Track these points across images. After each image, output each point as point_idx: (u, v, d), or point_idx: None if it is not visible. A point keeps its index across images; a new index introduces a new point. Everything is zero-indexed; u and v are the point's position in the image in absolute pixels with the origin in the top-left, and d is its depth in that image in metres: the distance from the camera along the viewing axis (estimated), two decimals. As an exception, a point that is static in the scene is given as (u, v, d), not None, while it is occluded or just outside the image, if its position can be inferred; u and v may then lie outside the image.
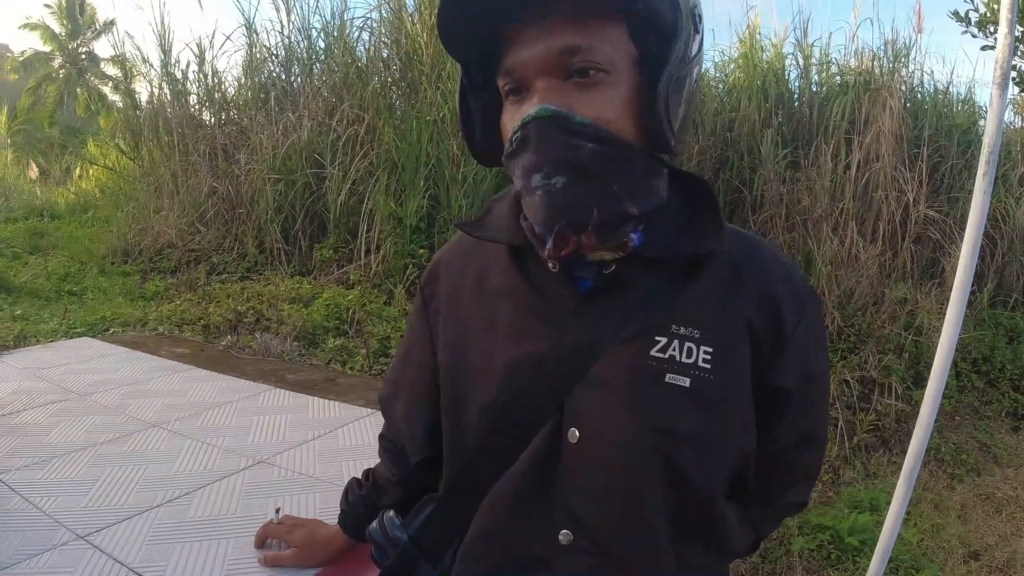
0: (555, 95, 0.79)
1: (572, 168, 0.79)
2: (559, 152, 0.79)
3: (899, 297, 5.08)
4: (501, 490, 0.91)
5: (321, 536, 1.45)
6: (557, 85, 0.80)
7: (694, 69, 0.84)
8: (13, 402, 2.58)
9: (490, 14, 0.81)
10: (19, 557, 1.55)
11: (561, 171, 0.79)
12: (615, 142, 0.80)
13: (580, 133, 0.78)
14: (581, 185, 0.80)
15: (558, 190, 0.80)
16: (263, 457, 2.14)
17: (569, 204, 0.80)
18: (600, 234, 0.82)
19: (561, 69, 0.79)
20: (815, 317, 0.92)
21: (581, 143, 0.78)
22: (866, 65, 6.29)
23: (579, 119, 0.78)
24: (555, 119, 0.78)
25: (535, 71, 0.80)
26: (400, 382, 1.13)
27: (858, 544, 3.07)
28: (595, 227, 0.81)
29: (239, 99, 7.52)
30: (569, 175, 0.79)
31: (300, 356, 3.90)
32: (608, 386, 0.86)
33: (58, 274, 6.01)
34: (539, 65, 0.80)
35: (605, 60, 0.79)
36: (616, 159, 0.80)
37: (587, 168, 0.79)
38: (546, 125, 0.78)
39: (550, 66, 0.79)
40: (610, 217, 0.81)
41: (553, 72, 0.79)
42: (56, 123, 21.92)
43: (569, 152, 0.78)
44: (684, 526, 0.87)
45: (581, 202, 0.80)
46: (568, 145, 0.78)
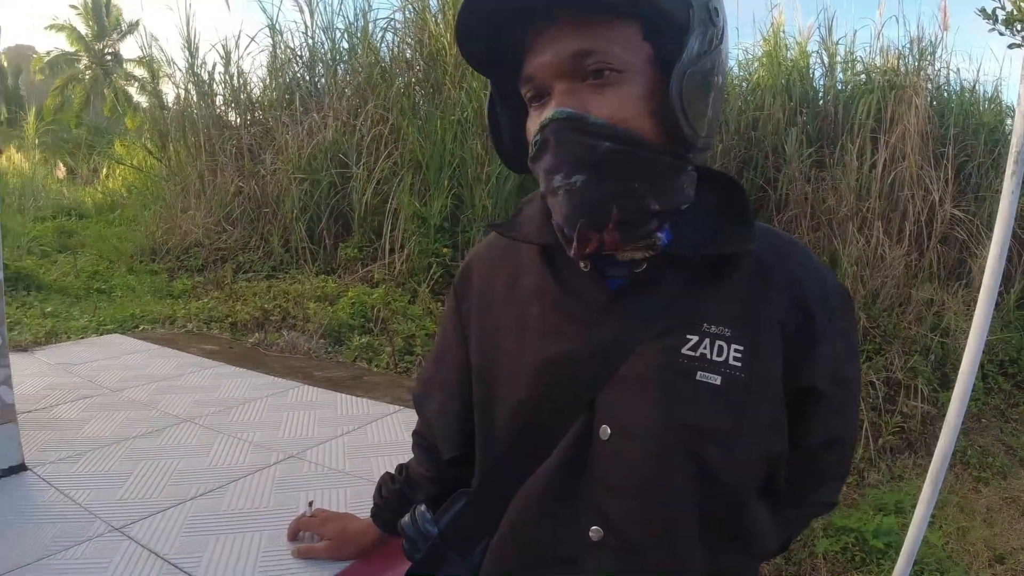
0: (571, 97, 0.81)
1: (590, 167, 0.80)
2: (576, 152, 0.80)
3: (925, 298, 5.03)
4: (532, 487, 0.92)
5: (353, 529, 1.47)
6: (573, 88, 0.81)
7: (714, 63, 0.82)
8: (46, 397, 2.62)
9: (499, 23, 0.83)
10: (56, 548, 1.57)
11: (580, 170, 0.81)
12: (632, 140, 0.80)
13: (596, 133, 0.79)
14: (600, 183, 0.81)
15: (578, 189, 0.81)
16: (294, 452, 2.16)
17: (589, 202, 0.81)
18: (623, 231, 0.83)
19: (576, 72, 0.81)
20: (846, 318, 0.92)
21: (597, 142, 0.79)
22: (892, 63, 6.24)
23: (594, 119, 0.79)
24: (571, 120, 0.80)
25: (551, 76, 0.82)
26: (433, 381, 1.14)
27: (883, 547, 3.05)
28: (616, 224, 0.82)
29: (264, 100, 7.60)
30: (588, 174, 0.80)
31: (327, 353, 3.94)
32: (639, 384, 0.86)
33: (87, 272, 6.10)
34: (554, 70, 0.82)
35: (618, 60, 0.80)
36: (634, 157, 0.81)
37: (605, 166, 0.80)
38: (562, 127, 0.80)
39: (564, 70, 0.81)
40: (631, 214, 0.82)
41: (568, 75, 0.81)
42: (83, 123, 22.15)
43: (586, 151, 0.80)
44: (714, 525, 0.87)
45: (600, 200, 0.81)
46: (585, 145, 0.80)
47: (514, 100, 0.91)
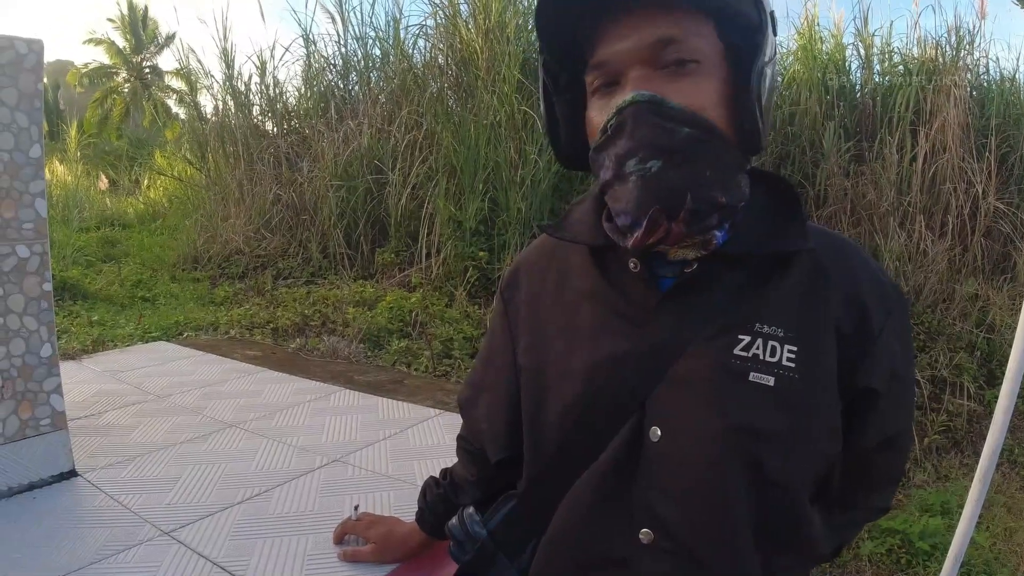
0: (648, 83, 0.80)
1: (668, 151, 0.79)
2: (655, 136, 0.79)
3: (970, 293, 4.93)
4: (581, 488, 0.91)
5: (399, 533, 1.48)
6: (650, 75, 0.81)
7: (774, 70, 0.85)
8: (95, 403, 2.67)
9: (576, 11, 0.84)
10: (107, 552, 1.61)
11: (657, 155, 0.79)
12: (709, 128, 0.80)
13: (675, 118, 0.79)
14: (676, 169, 0.80)
15: (653, 174, 0.80)
16: (337, 456, 2.19)
17: (665, 187, 0.80)
18: (689, 223, 0.81)
19: (654, 59, 0.81)
20: (902, 317, 0.90)
21: (676, 127, 0.79)
22: (929, 54, 6.12)
23: (674, 104, 0.79)
24: (651, 104, 0.79)
25: (628, 62, 0.82)
26: (481, 384, 1.15)
27: (929, 548, 2.99)
28: (687, 213, 0.81)
29: (300, 108, 7.69)
30: (665, 159, 0.79)
31: (366, 358, 3.97)
32: (690, 384, 0.85)
33: (131, 281, 6.21)
34: (632, 56, 0.81)
35: (696, 51, 0.80)
36: (709, 145, 0.81)
37: (682, 152, 0.79)
38: (642, 110, 0.79)
39: (643, 56, 0.81)
40: (701, 203, 0.81)
41: (646, 62, 0.81)
42: (123, 136, 22.55)
43: (665, 136, 0.79)
44: (767, 528, 0.86)
45: (676, 185, 0.80)
46: (664, 129, 0.79)
47: (570, 93, 0.92)
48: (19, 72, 1.86)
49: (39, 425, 1.96)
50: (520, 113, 5.73)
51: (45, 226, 1.94)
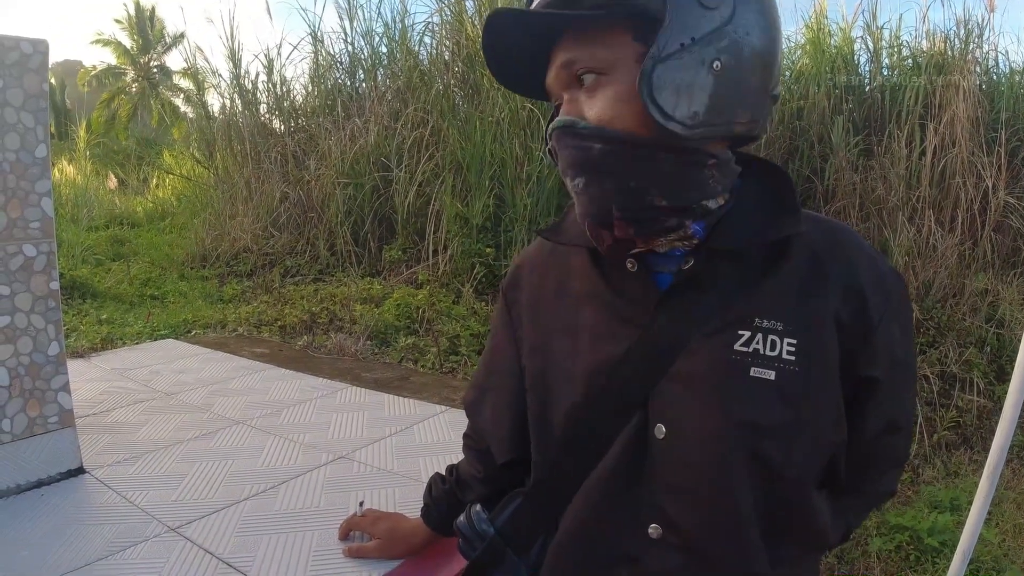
0: (572, 105, 0.86)
1: (586, 169, 0.84)
2: (574, 156, 0.85)
3: (980, 288, 4.90)
4: (590, 487, 0.93)
5: (404, 528, 1.49)
6: (575, 95, 0.86)
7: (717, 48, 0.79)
8: (103, 401, 2.68)
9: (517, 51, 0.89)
10: (114, 548, 1.62)
11: (580, 172, 0.85)
12: (618, 139, 0.82)
13: (587, 136, 0.83)
14: (597, 183, 0.84)
15: (581, 190, 0.85)
16: (343, 453, 2.19)
17: (591, 202, 0.85)
18: (636, 227, 0.84)
19: (570, 81, 0.86)
20: (901, 302, 0.91)
21: (590, 145, 0.83)
22: (938, 47, 6.09)
23: (583, 124, 0.83)
24: (566, 127, 0.85)
25: (557, 88, 0.89)
26: (485, 386, 1.16)
27: (938, 545, 2.97)
28: (624, 221, 0.83)
29: (307, 107, 7.72)
30: (586, 176, 0.84)
31: (373, 355, 3.97)
32: (692, 381, 0.86)
33: (140, 279, 6.24)
34: (555, 84, 0.89)
35: (601, 63, 0.83)
36: (628, 155, 0.82)
37: (599, 167, 0.83)
38: (561, 135, 0.86)
39: (561, 80, 0.87)
40: (633, 212, 0.83)
41: (566, 85, 0.87)
42: (131, 135, 22.65)
43: (582, 155, 0.84)
44: (774, 519, 0.87)
45: (600, 199, 0.84)
46: (579, 148, 0.84)
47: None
48: (24, 72, 1.87)
49: (47, 423, 1.97)
50: (526, 110, 5.72)
51: (52, 225, 1.95)
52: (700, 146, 0.83)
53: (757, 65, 0.83)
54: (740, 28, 0.80)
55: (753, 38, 0.81)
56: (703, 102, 0.80)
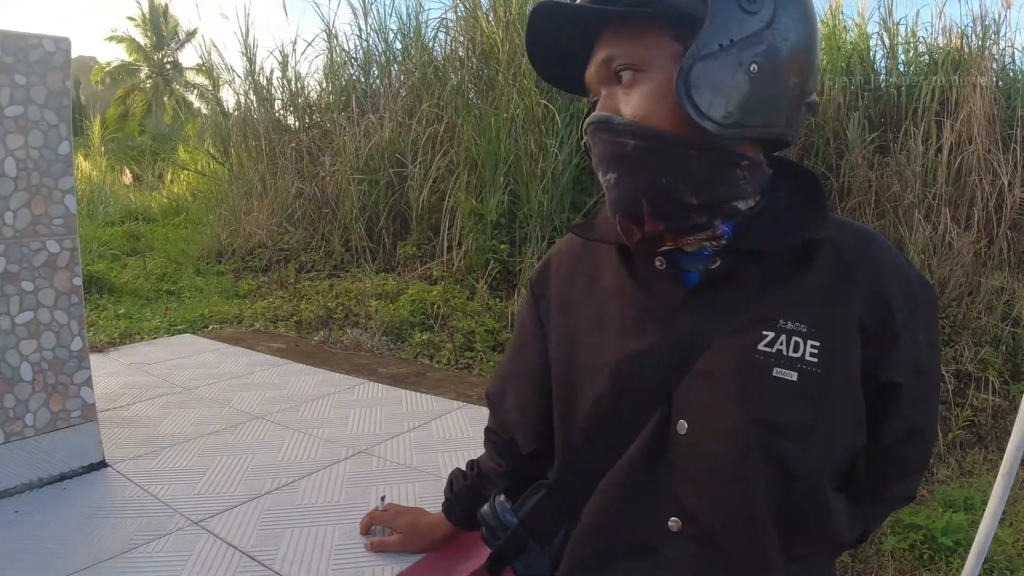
0: (608, 101, 0.88)
1: (619, 164, 0.86)
2: (607, 152, 0.87)
3: (995, 286, 4.86)
4: (611, 479, 0.94)
5: (425, 523, 1.50)
6: (611, 92, 0.88)
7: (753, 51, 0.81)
8: (123, 395, 2.71)
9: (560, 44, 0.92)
10: (138, 541, 1.64)
11: (612, 168, 0.87)
12: (653, 136, 0.83)
13: (622, 132, 0.85)
14: (629, 179, 0.86)
15: (612, 185, 0.87)
16: (362, 448, 2.21)
17: (621, 197, 0.87)
18: (666, 223, 0.86)
19: (608, 77, 0.88)
20: (927, 311, 0.91)
21: (625, 140, 0.85)
22: (955, 44, 6.05)
23: (618, 120, 0.85)
24: (601, 123, 0.87)
25: (596, 85, 0.91)
26: (510, 377, 1.18)
27: (952, 544, 2.96)
28: (653, 217, 0.85)
29: (321, 103, 7.73)
30: (618, 171, 0.87)
31: (389, 350, 3.99)
32: (715, 379, 0.87)
33: (156, 274, 6.27)
34: (594, 79, 0.91)
35: (640, 61, 0.84)
36: (661, 152, 0.84)
37: (632, 163, 0.85)
38: (596, 130, 0.88)
39: (600, 77, 0.89)
40: (663, 208, 0.85)
41: (604, 81, 0.89)
42: (146, 131, 22.75)
43: (615, 150, 0.86)
44: (791, 518, 0.87)
45: (630, 195, 0.86)
46: (614, 144, 0.86)
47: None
48: (47, 70, 1.89)
49: (70, 417, 1.99)
50: (540, 106, 5.72)
51: (75, 222, 1.98)
52: (732, 147, 0.85)
53: (793, 71, 0.84)
54: (779, 33, 0.82)
55: (790, 44, 0.83)
56: (737, 103, 0.81)
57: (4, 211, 1.83)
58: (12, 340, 1.87)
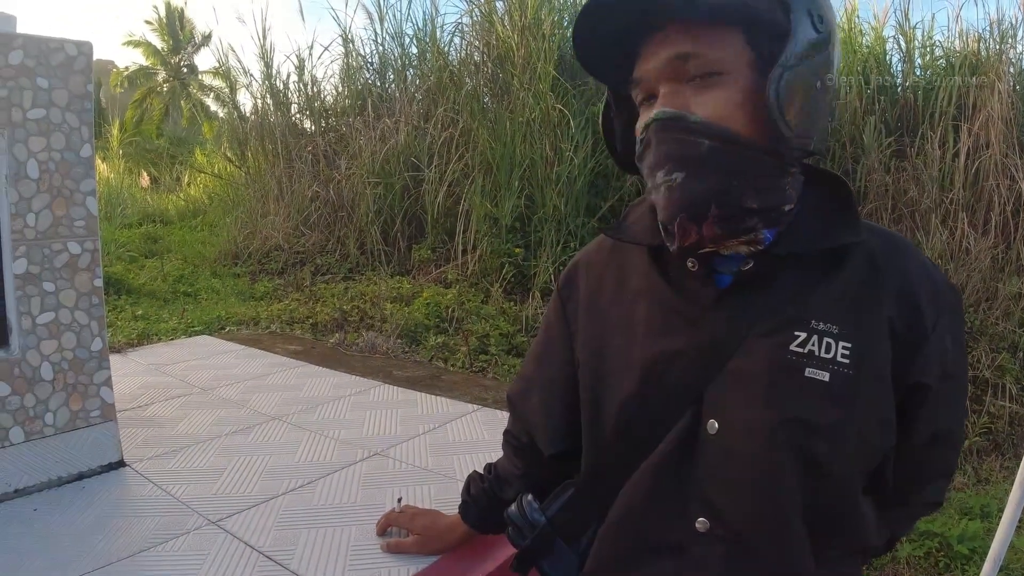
0: (674, 98, 0.85)
1: (690, 163, 0.83)
2: (677, 149, 0.84)
3: (1013, 292, 4.82)
4: (640, 478, 0.94)
5: (442, 525, 1.51)
6: (677, 89, 0.85)
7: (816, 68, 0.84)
8: (141, 396, 2.73)
9: (612, 34, 0.88)
10: (156, 540, 1.65)
11: (680, 167, 0.84)
12: (731, 139, 0.83)
13: (696, 131, 0.83)
14: (699, 180, 0.84)
15: (678, 185, 0.84)
16: (378, 449, 2.22)
17: (688, 198, 0.84)
18: (721, 226, 0.85)
19: (679, 74, 0.85)
20: (955, 316, 0.91)
21: (698, 140, 0.83)
22: (972, 47, 6.01)
23: (694, 118, 0.83)
24: (672, 120, 0.84)
25: (657, 78, 0.87)
26: (535, 379, 1.18)
27: (967, 552, 2.94)
28: (715, 219, 0.84)
29: (337, 107, 7.77)
30: (688, 170, 0.84)
31: (404, 353, 4.00)
32: (747, 379, 0.87)
33: (173, 276, 6.32)
34: (659, 73, 0.86)
35: (719, 63, 0.83)
36: (733, 155, 0.83)
37: (704, 163, 0.83)
38: (664, 126, 0.84)
39: (668, 72, 0.85)
40: (728, 210, 0.84)
41: (672, 77, 0.85)
42: (163, 134, 22.91)
43: (687, 149, 0.83)
44: (820, 519, 0.87)
45: (699, 196, 0.84)
46: (686, 143, 0.83)
47: (629, 104, 0.96)
48: (69, 74, 1.91)
49: (89, 417, 2.01)
50: (555, 110, 5.73)
51: (96, 223, 2.00)
52: (794, 155, 0.87)
53: (833, 87, 0.88)
54: (834, 52, 0.87)
55: (834, 64, 0.88)
56: (808, 113, 0.84)
57: (26, 213, 1.85)
58: (33, 340, 1.89)
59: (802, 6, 0.83)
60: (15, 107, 1.82)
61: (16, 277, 1.85)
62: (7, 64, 1.80)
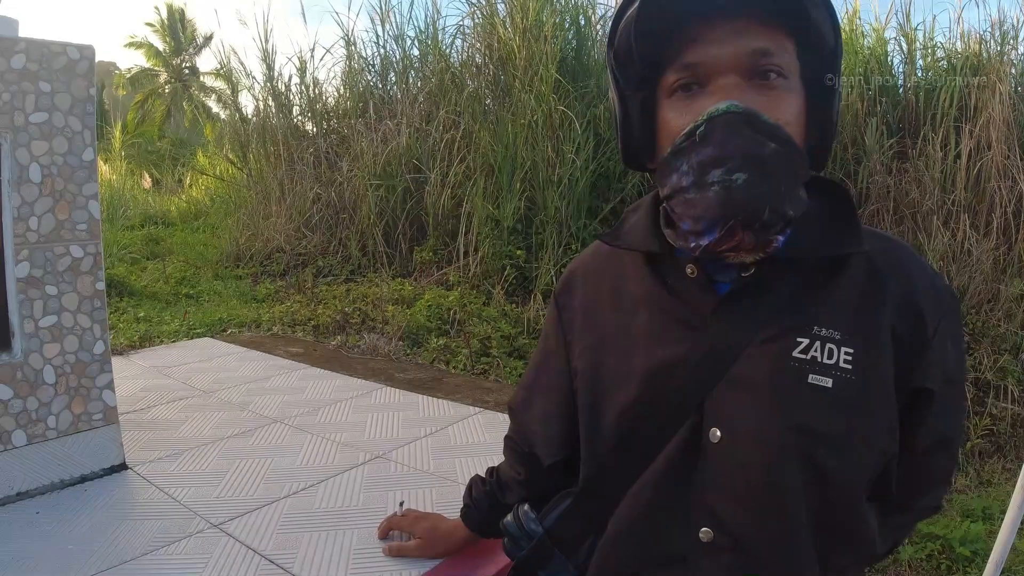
0: (740, 93, 0.81)
1: (756, 165, 0.79)
2: (747, 148, 0.79)
3: (1015, 293, 4.82)
4: (641, 488, 0.93)
5: (443, 529, 1.51)
6: (740, 84, 0.82)
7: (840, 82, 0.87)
8: (144, 398, 2.74)
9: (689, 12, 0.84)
10: (158, 543, 1.66)
11: (745, 167, 0.79)
12: (792, 144, 0.81)
13: (766, 132, 0.79)
14: (761, 183, 0.79)
15: (738, 186, 0.79)
16: (380, 452, 2.22)
17: (747, 200, 0.79)
18: (759, 235, 0.82)
19: (748, 69, 0.82)
20: (954, 320, 0.91)
21: (766, 141, 0.79)
22: (973, 49, 6.01)
23: (767, 119, 0.79)
24: (745, 116, 0.79)
25: (722, 68, 0.82)
26: (535, 387, 1.17)
27: (969, 554, 2.93)
28: (768, 224, 0.81)
29: (339, 109, 7.78)
30: (751, 172, 0.79)
31: (406, 355, 4.00)
32: (750, 386, 0.87)
33: (175, 278, 6.33)
34: (728, 62, 0.82)
35: (786, 67, 0.83)
36: (790, 161, 0.81)
37: (768, 166, 0.79)
38: (736, 120, 0.79)
39: (739, 65, 0.81)
40: (776, 217, 0.81)
41: (739, 71, 0.82)
42: (165, 136, 22.95)
43: (756, 149, 0.79)
44: (825, 526, 0.87)
45: (758, 199, 0.80)
46: (756, 142, 0.79)
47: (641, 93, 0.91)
48: (72, 78, 1.92)
49: (91, 420, 2.01)
50: (557, 112, 5.73)
51: (98, 227, 2.00)
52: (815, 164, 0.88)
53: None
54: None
55: None
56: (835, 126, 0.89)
57: (29, 216, 1.86)
58: (36, 343, 1.90)
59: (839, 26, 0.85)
60: (18, 111, 1.82)
61: (19, 281, 1.86)
62: (9, 68, 1.80)
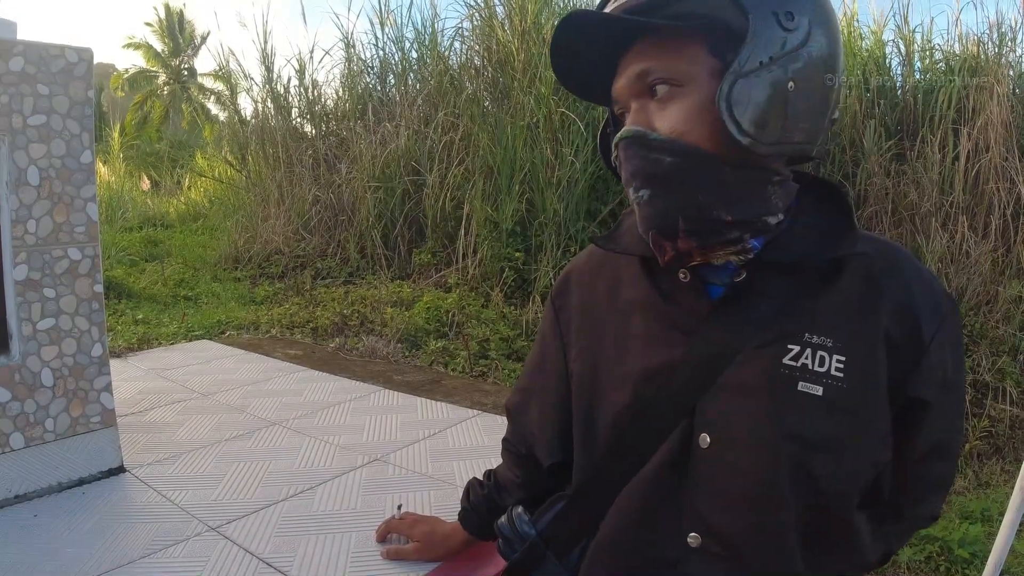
0: (640, 114, 0.86)
1: (654, 180, 0.84)
2: (641, 167, 0.85)
3: (1013, 295, 4.81)
4: (631, 493, 0.93)
5: (441, 532, 1.50)
6: (643, 105, 0.86)
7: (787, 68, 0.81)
8: (141, 401, 2.73)
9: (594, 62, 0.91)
10: (156, 547, 1.65)
11: (646, 184, 0.85)
12: (691, 153, 0.82)
13: (658, 148, 0.83)
14: (664, 196, 0.85)
15: (645, 202, 0.86)
16: (378, 455, 2.22)
17: (655, 214, 0.85)
18: (698, 240, 0.84)
19: (642, 90, 0.86)
20: (953, 325, 0.90)
21: (660, 157, 0.83)
22: (971, 51, 6.01)
23: (654, 135, 0.84)
24: (635, 138, 0.85)
25: (627, 96, 0.89)
26: (532, 390, 1.18)
27: (968, 556, 2.93)
28: (689, 234, 0.84)
29: (338, 111, 7.78)
30: (652, 187, 0.85)
31: (404, 357, 4.00)
32: (740, 393, 0.86)
33: (174, 280, 6.32)
34: (626, 91, 0.88)
35: (679, 75, 0.83)
36: (697, 169, 0.83)
37: (668, 179, 0.84)
38: (629, 144, 0.86)
39: (633, 89, 0.87)
40: (699, 225, 0.84)
41: (637, 94, 0.87)
42: (164, 137, 22.94)
43: (650, 166, 0.84)
44: (815, 534, 0.86)
45: (666, 212, 0.85)
46: (648, 160, 0.84)
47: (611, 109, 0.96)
48: (70, 80, 1.92)
49: (89, 422, 2.01)
50: (557, 114, 5.73)
51: (96, 229, 2.00)
52: (768, 163, 0.86)
53: (823, 88, 0.85)
54: (813, 51, 0.83)
55: (823, 61, 0.84)
56: (777, 120, 0.81)
57: (27, 219, 1.86)
58: (34, 346, 1.89)
59: (764, 7, 0.80)
60: (15, 113, 1.82)
61: (17, 283, 1.86)
62: (8, 71, 1.80)
